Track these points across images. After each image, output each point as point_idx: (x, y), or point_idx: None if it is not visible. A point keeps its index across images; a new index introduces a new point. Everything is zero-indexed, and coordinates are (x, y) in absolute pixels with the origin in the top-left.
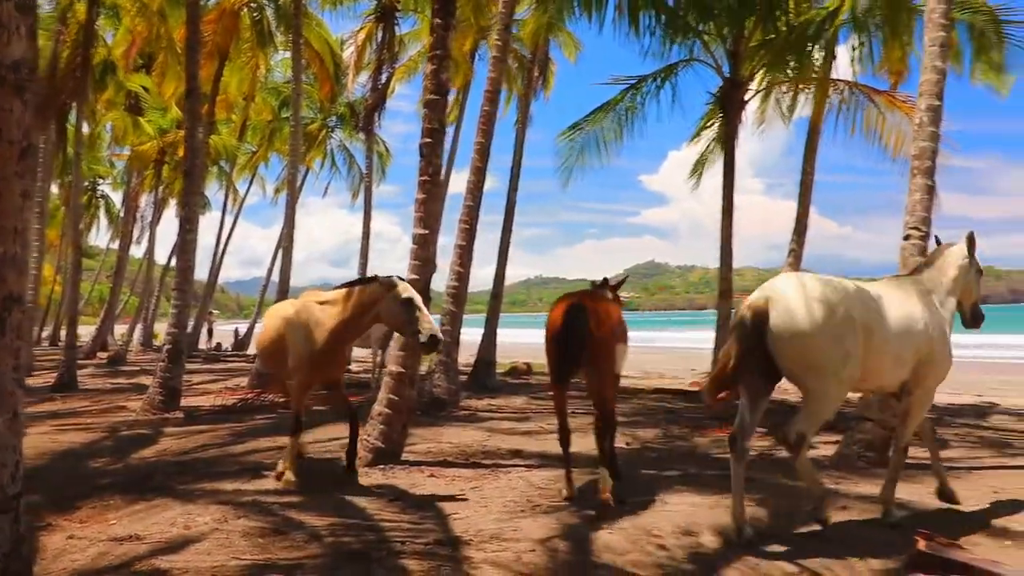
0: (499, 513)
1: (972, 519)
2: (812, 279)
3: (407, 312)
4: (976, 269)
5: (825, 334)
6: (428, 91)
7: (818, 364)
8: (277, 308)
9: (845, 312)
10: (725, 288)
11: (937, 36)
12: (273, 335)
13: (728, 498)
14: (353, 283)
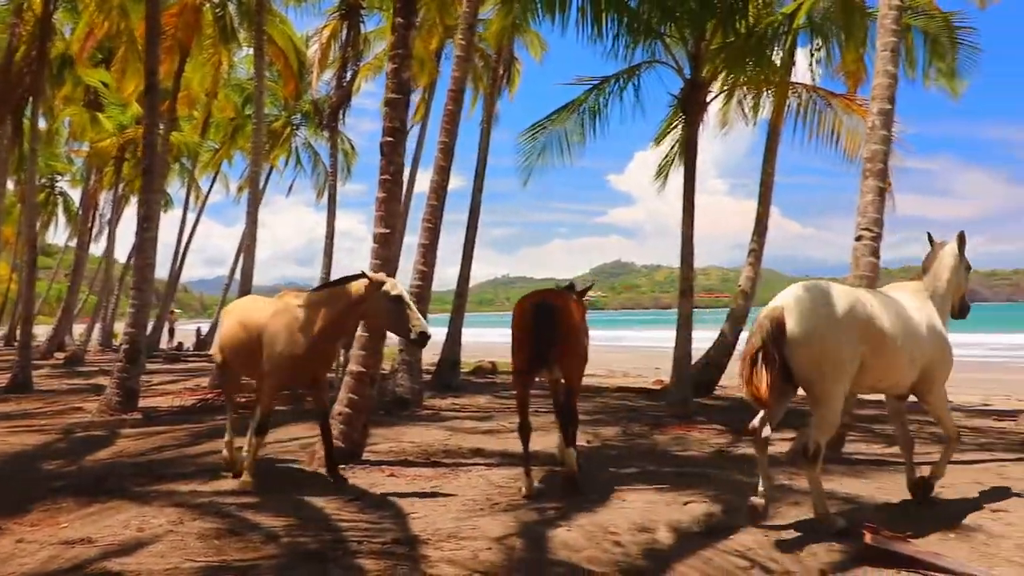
0: (458, 512)
1: (919, 513)
2: (826, 287)
3: (397, 310)
4: (965, 266)
5: (834, 339)
6: (389, 90)
7: (828, 367)
8: (248, 307)
9: (854, 318)
10: (686, 287)
11: (888, 41)
12: (244, 334)
13: (683, 494)
14: (337, 282)
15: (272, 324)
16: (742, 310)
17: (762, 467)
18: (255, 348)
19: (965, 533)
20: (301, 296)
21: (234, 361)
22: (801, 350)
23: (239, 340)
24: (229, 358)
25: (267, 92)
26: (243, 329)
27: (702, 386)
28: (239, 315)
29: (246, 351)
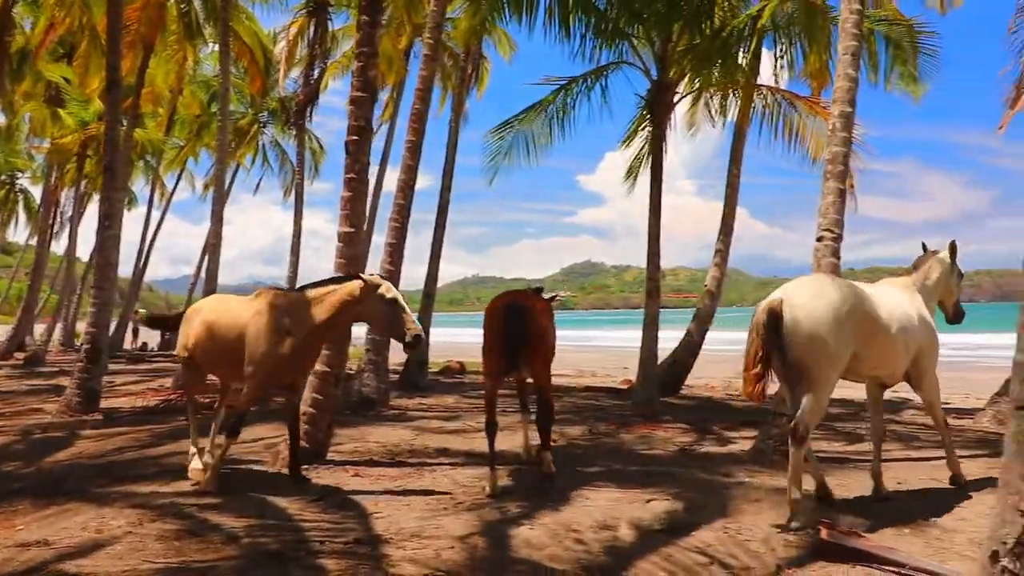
0: (422, 511)
1: (875, 509)
2: (824, 281)
3: (393, 312)
4: (957, 273)
5: (831, 331)
6: (355, 88)
7: (823, 356)
8: (222, 305)
9: (848, 310)
10: (652, 288)
11: (849, 45)
12: (221, 334)
13: (646, 492)
14: (325, 282)
15: (255, 323)
16: (708, 310)
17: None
18: (234, 347)
19: (920, 528)
20: (284, 295)
21: (206, 361)
22: (798, 339)
23: (214, 339)
24: (200, 358)
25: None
26: (219, 328)
27: (668, 385)
28: (213, 314)
29: (222, 351)
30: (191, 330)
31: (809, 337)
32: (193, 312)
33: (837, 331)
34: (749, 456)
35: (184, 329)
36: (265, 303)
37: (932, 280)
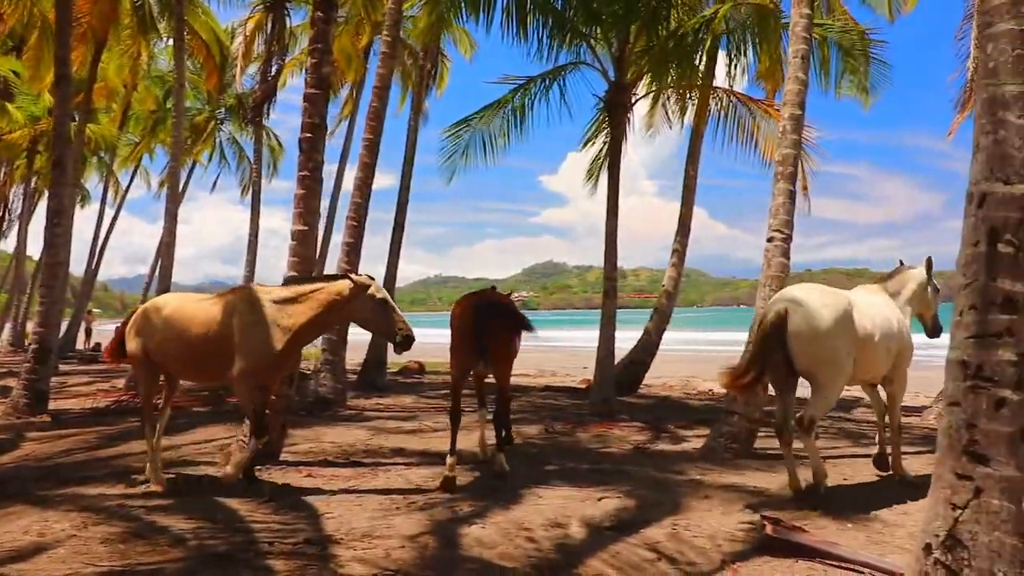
0: (374, 511)
1: (821, 504)
2: (824, 291)
3: (383, 312)
4: (933, 288)
5: (834, 334)
6: (309, 85)
7: (828, 359)
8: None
9: (847, 315)
10: (610, 288)
11: (799, 49)
12: (196, 332)
13: (599, 491)
14: (311, 279)
15: (244, 318)
16: (666, 310)
17: (788, 460)
18: (211, 345)
19: (863, 522)
20: (267, 291)
21: (169, 360)
22: (804, 345)
23: (184, 337)
24: (161, 357)
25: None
26: (192, 325)
27: (626, 385)
28: (180, 311)
29: (195, 349)
30: (150, 328)
31: (818, 345)
32: (152, 310)
33: (842, 338)
34: (701, 454)
35: (140, 327)
36: (251, 297)
37: (908, 293)
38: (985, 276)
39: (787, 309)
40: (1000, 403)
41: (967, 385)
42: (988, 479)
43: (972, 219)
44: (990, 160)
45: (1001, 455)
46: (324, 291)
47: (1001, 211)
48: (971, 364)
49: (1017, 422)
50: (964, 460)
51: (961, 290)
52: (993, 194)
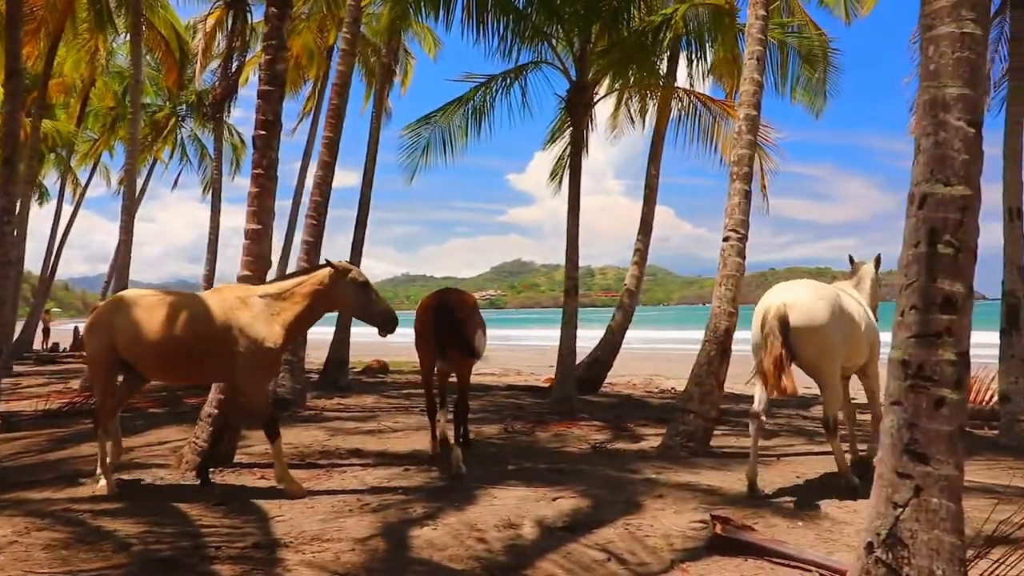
0: (325, 514)
1: (772, 503)
2: (817, 285)
3: (365, 296)
4: (880, 282)
5: (832, 327)
6: (263, 82)
7: (829, 351)
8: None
9: (841, 310)
10: (571, 286)
11: (755, 50)
12: (183, 332)
13: (554, 490)
14: (297, 273)
15: (239, 318)
16: (628, 308)
17: (754, 448)
18: (209, 346)
19: (813, 520)
20: (253, 287)
21: (151, 360)
22: (806, 339)
23: (167, 336)
24: (135, 357)
25: (150, 81)
26: (181, 324)
27: (589, 383)
28: (158, 309)
29: (177, 348)
30: (121, 326)
31: (819, 337)
32: (122, 306)
33: (838, 330)
34: (658, 453)
35: (106, 325)
36: (243, 295)
37: (865, 287)
38: (925, 276)
39: (786, 305)
40: (940, 402)
41: (907, 385)
42: (928, 478)
43: (913, 220)
44: (930, 162)
45: (941, 454)
46: (307, 283)
47: (941, 212)
48: (912, 364)
49: (956, 421)
50: (905, 459)
51: (902, 290)
52: (933, 195)
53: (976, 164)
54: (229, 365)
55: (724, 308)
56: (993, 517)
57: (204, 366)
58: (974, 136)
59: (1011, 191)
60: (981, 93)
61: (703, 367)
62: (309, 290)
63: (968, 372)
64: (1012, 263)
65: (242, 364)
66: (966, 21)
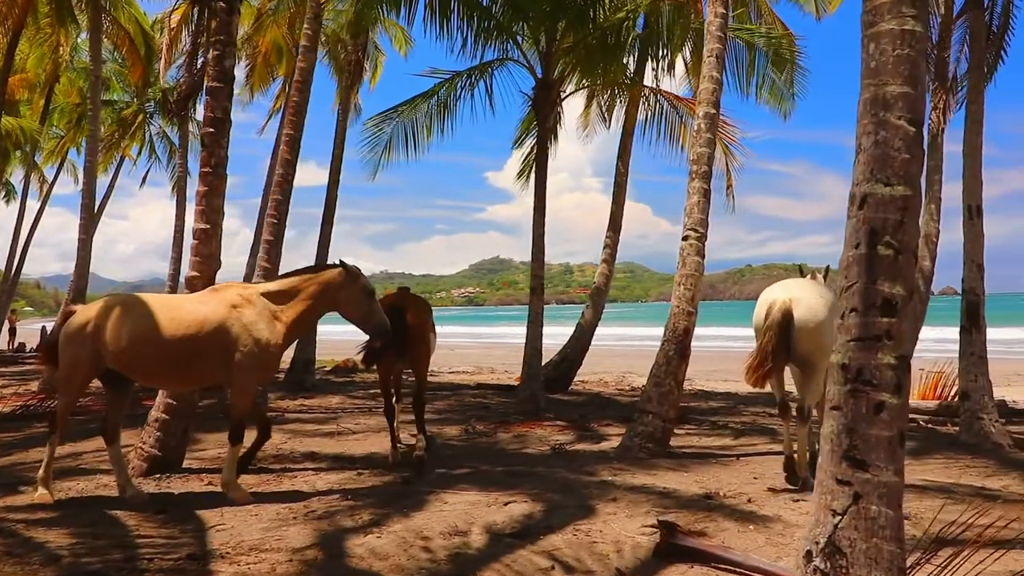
0: (269, 521)
1: (726, 505)
2: (815, 284)
3: (369, 303)
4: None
5: (829, 322)
6: (211, 78)
7: (826, 345)
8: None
9: (834, 305)
10: (537, 285)
11: (714, 48)
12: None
13: (507, 495)
14: (303, 271)
15: (242, 317)
16: (598, 306)
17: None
18: (211, 348)
19: (764, 524)
20: (256, 287)
21: (149, 365)
22: (808, 333)
23: (166, 340)
24: (130, 362)
25: (116, 77)
26: (176, 326)
27: (558, 381)
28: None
29: (175, 352)
30: (116, 331)
31: (818, 332)
32: (118, 311)
33: (832, 323)
34: (616, 454)
35: (98, 330)
36: (244, 294)
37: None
38: (866, 278)
39: (792, 300)
40: (879, 407)
41: (847, 389)
42: (867, 485)
43: (853, 221)
44: (871, 161)
45: (880, 460)
46: (314, 282)
47: (881, 213)
48: (851, 368)
49: (896, 426)
50: (844, 465)
51: (843, 293)
52: (874, 195)
53: (917, 164)
54: (229, 366)
55: (683, 308)
56: (943, 517)
57: (205, 369)
58: (915, 135)
59: (970, 189)
60: (922, 91)
61: (661, 367)
62: (315, 290)
63: (909, 376)
64: (972, 261)
65: (241, 364)
66: (907, 18)
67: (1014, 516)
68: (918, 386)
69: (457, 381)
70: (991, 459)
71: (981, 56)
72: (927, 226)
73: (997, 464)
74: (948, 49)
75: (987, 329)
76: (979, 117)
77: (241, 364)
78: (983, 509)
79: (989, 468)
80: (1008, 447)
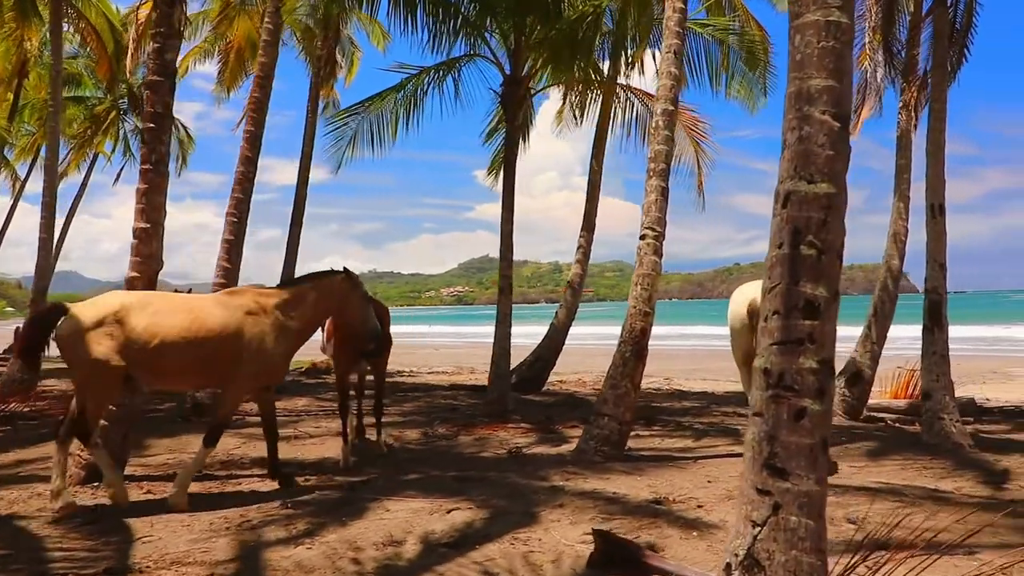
0: (200, 532)
1: (673, 511)
2: None
3: (366, 310)
4: None
5: None
6: (152, 72)
7: None
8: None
9: None
10: (505, 284)
11: (672, 43)
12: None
13: (453, 501)
14: (309, 277)
15: (257, 325)
16: (571, 305)
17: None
18: (228, 351)
19: (709, 531)
20: (269, 291)
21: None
22: None
23: (191, 342)
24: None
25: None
26: (205, 330)
27: (531, 382)
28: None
29: (197, 354)
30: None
31: None
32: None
33: None
34: (572, 457)
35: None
36: (260, 303)
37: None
38: (788, 279)
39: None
40: (801, 413)
41: (769, 395)
42: (787, 494)
43: (777, 219)
44: (795, 158)
45: (801, 468)
46: (320, 288)
47: (804, 211)
48: (773, 372)
49: (818, 433)
50: (764, 474)
51: (766, 294)
52: (797, 193)
53: (842, 160)
54: (239, 368)
55: (640, 308)
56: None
57: (216, 371)
58: (839, 131)
59: (934, 188)
60: (848, 85)
61: (618, 368)
62: (322, 296)
63: (831, 381)
64: (934, 260)
65: (246, 371)
66: (832, 8)
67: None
68: (890, 384)
69: (435, 381)
70: (949, 460)
71: (945, 54)
72: (895, 225)
73: (954, 465)
74: (917, 47)
75: (949, 328)
76: (942, 115)
77: (245, 371)
78: (931, 512)
79: (946, 469)
80: (968, 447)
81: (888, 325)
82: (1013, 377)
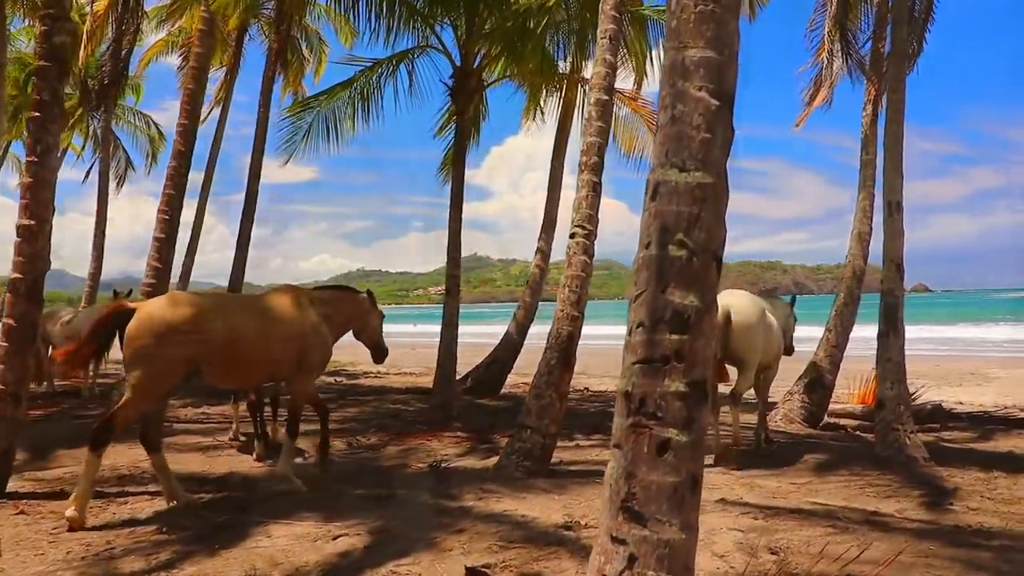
0: (52, 564)
1: (577, 540)
2: (748, 294)
3: (380, 328)
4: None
5: (760, 327)
6: (39, 56)
7: (757, 347)
8: (255, 304)
9: (764, 314)
10: (452, 285)
11: (608, 29)
12: (294, 331)
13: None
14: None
15: (310, 321)
16: (529, 307)
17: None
18: (290, 348)
19: None
20: (309, 292)
21: (238, 363)
22: (742, 335)
23: (270, 339)
24: (218, 360)
25: None
26: (277, 327)
27: (487, 385)
28: (255, 315)
29: (276, 352)
30: (220, 328)
31: (751, 334)
32: (204, 311)
33: (762, 329)
34: (493, 473)
35: (196, 330)
36: (296, 299)
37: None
38: (655, 285)
39: (729, 307)
40: (664, 446)
41: (628, 423)
42: (644, 544)
43: (646, 214)
44: (667, 141)
45: (662, 512)
46: (349, 300)
47: (674, 205)
48: (635, 396)
49: (685, 470)
50: (620, 519)
51: (632, 303)
52: (666, 183)
53: (719, 146)
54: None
55: (567, 312)
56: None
57: (279, 367)
58: (717, 110)
59: (891, 183)
60: (731, 57)
61: (543, 377)
62: (350, 307)
63: (703, 408)
64: (891, 260)
65: (306, 365)
66: None
67: (892, 549)
68: (859, 390)
69: (398, 383)
70: (899, 475)
71: (904, 43)
72: (860, 224)
73: (902, 481)
74: (883, 40)
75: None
76: (900, 107)
77: (308, 365)
78: (864, 541)
79: (892, 487)
80: (923, 460)
81: (851, 328)
82: (990, 379)
